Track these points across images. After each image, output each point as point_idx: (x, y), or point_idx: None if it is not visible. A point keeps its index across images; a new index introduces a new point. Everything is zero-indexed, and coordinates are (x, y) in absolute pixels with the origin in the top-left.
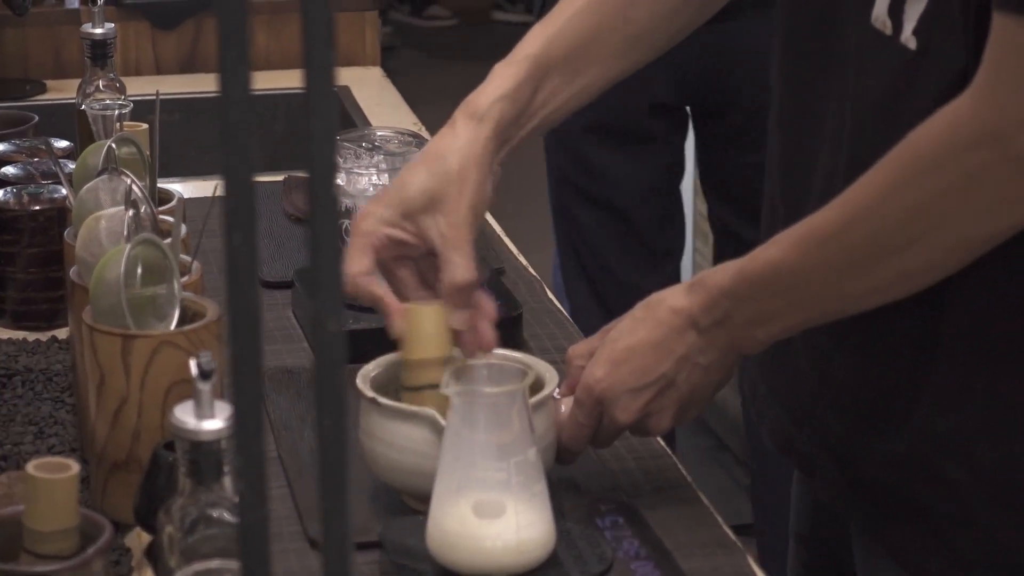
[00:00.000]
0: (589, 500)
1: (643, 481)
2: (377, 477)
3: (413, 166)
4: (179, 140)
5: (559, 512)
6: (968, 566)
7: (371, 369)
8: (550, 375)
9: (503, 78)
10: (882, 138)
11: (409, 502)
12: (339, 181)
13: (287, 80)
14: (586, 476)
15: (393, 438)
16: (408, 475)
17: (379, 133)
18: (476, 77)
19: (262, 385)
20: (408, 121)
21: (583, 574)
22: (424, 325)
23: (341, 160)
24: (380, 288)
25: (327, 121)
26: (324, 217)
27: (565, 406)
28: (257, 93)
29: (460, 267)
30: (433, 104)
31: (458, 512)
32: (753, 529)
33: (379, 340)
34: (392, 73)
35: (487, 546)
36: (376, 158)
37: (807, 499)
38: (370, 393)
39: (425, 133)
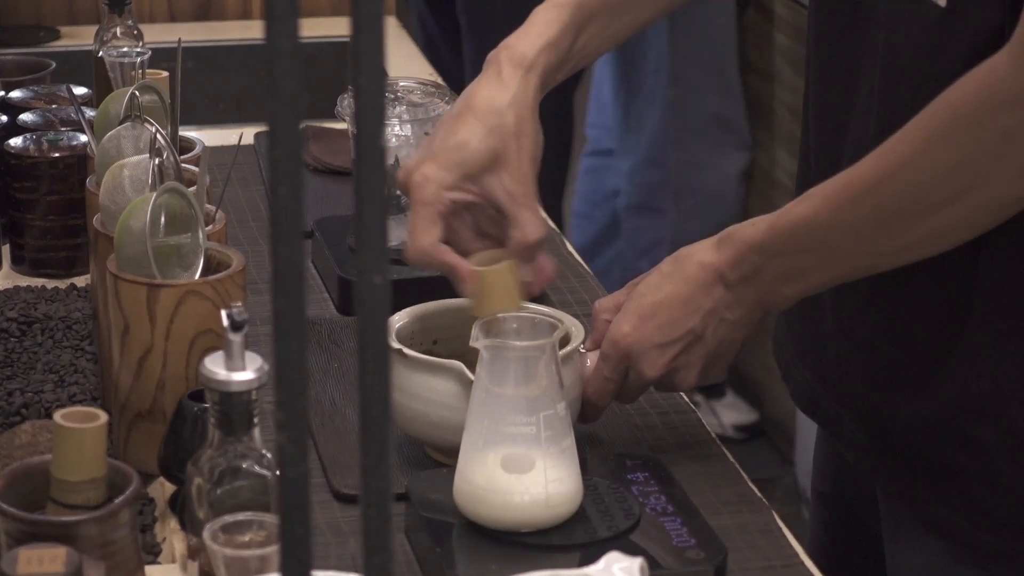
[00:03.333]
0: (615, 455)
1: (668, 436)
2: (401, 429)
3: (466, 122)
4: (193, 88)
5: (584, 467)
6: (996, 528)
7: (396, 320)
8: (576, 329)
9: (546, 24)
10: (912, 98)
11: (433, 454)
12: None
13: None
14: (610, 431)
15: (419, 390)
16: (433, 427)
17: (401, 83)
18: None
19: (306, 338)
20: (424, 72)
21: (611, 529)
22: (497, 284)
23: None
24: (451, 255)
25: (375, 75)
26: (371, 171)
27: (591, 360)
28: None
29: (531, 225)
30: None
31: (486, 466)
32: None
33: (404, 291)
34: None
35: (515, 500)
36: (399, 109)
37: (830, 458)
38: (396, 344)
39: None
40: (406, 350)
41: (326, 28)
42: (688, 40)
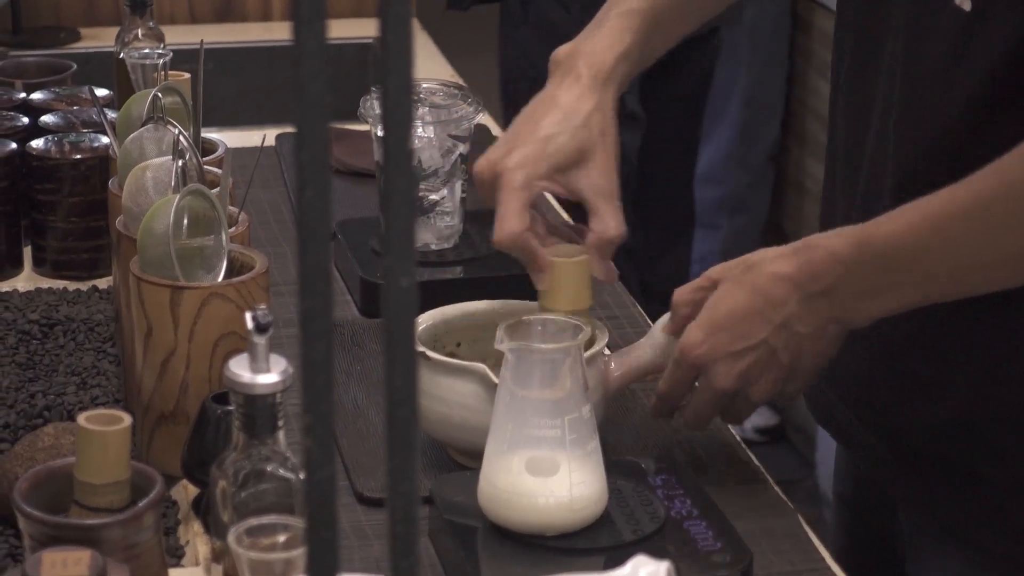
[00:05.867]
0: (639, 459)
1: (693, 440)
2: (424, 432)
3: (552, 118)
4: (213, 90)
5: (609, 470)
6: (1020, 534)
7: (419, 322)
8: (600, 332)
9: (621, 31)
10: (935, 104)
11: (455, 457)
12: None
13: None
14: (635, 434)
15: (442, 392)
16: (456, 430)
17: (424, 85)
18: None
19: (332, 341)
20: (445, 73)
21: (635, 532)
22: (571, 278)
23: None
24: (536, 243)
25: (403, 76)
26: (398, 173)
27: (615, 363)
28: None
29: (612, 221)
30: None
31: (511, 469)
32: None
33: (428, 293)
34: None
35: (540, 503)
36: (421, 110)
37: (851, 462)
38: (419, 347)
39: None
40: (429, 352)
41: (347, 30)
42: (764, 64)
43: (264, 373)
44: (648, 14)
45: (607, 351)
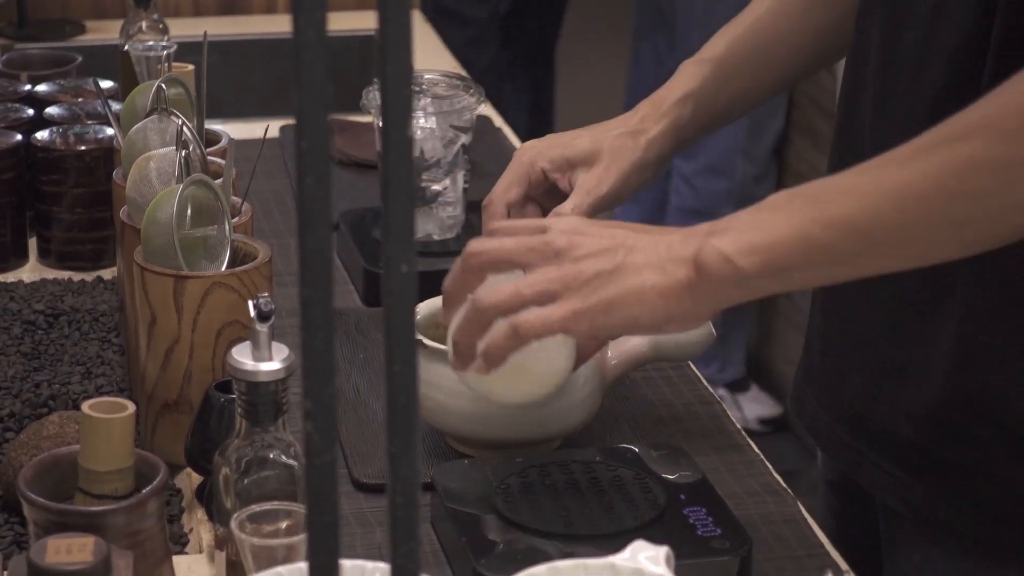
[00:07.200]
0: (639, 446)
1: (692, 427)
2: (422, 419)
3: (590, 129)
4: (217, 82)
5: (609, 458)
6: (995, 521)
7: (417, 311)
8: None
9: (689, 77)
10: (908, 90)
11: (454, 444)
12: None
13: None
14: (635, 421)
15: (439, 380)
16: (453, 417)
17: (426, 76)
18: None
19: (333, 328)
20: (448, 65)
21: (636, 519)
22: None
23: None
24: (498, 216)
25: (402, 65)
26: (397, 161)
27: (612, 352)
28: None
29: (568, 206)
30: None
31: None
32: None
33: (428, 282)
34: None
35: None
36: (424, 101)
37: None
38: (416, 335)
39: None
40: (426, 340)
41: (352, 22)
42: None
43: (266, 361)
44: (721, 63)
45: None
